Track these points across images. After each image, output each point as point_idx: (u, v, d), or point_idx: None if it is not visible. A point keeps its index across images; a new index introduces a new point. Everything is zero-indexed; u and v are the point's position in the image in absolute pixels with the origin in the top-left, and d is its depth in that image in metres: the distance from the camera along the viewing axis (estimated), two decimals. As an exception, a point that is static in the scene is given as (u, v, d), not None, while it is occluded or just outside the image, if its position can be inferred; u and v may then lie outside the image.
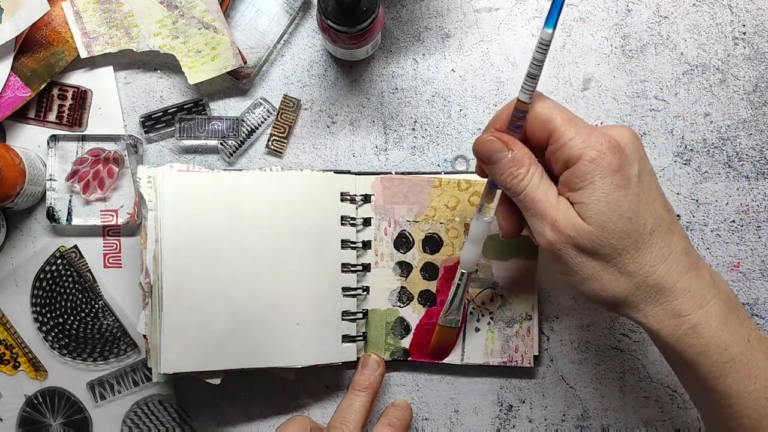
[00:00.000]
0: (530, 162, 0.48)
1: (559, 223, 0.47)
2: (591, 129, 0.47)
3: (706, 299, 0.46)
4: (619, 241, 0.46)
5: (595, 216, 0.46)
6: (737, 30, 0.66)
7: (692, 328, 0.46)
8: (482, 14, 0.66)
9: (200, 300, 0.58)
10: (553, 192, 0.48)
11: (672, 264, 0.46)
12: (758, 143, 0.65)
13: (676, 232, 0.48)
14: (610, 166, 0.45)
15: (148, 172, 0.60)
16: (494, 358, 0.64)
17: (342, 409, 0.58)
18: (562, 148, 0.47)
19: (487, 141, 0.49)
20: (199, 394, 0.65)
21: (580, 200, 0.46)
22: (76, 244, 0.65)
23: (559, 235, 0.47)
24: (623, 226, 0.46)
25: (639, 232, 0.46)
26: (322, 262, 0.61)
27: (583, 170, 0.46)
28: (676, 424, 0.65)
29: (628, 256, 0.46)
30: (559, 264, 0.48)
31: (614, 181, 0.45)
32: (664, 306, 0.46)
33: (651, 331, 0.48)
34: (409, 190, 0.64)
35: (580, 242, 0.46)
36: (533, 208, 0.48)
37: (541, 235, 0.48)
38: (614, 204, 0.45)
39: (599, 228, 0.46)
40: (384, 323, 0.64)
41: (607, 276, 0.47)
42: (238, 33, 0.65)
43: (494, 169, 0.49)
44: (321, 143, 0.66)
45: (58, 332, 0.65)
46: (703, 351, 0.46)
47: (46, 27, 0.64)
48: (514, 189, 0.48)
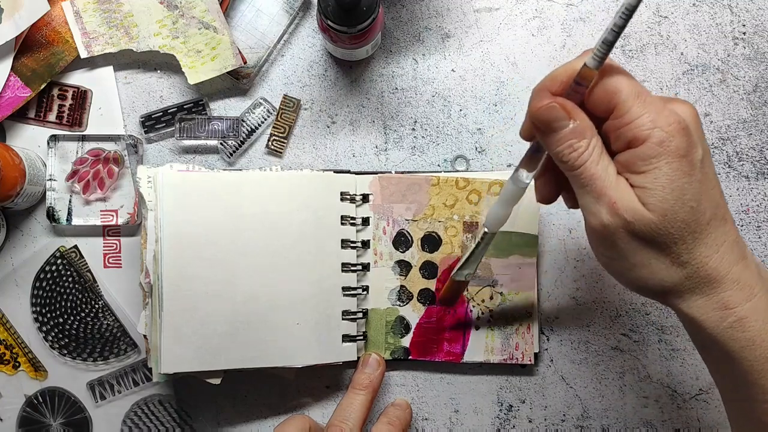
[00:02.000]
0: (592, 134, 0.44)
1: (618, 205, 0.43)
2: (660, 106, 0.43)
3: (753, 291, 0.44)
4: (677, 231, 0.43)
5: (658, 203, 0.42)
6: (737, 30, 0.66)
7: (738, 321, 0.44)
8: (482, 14, 0.66)
9: (200, 300, 0.58)
10: (613, 170, 0.44)
11: (724, 254, 0.44)
12: (758, 143, 0.65)
13: (729, 219, 0.45)
14: (678, 151, 0.42)
15: (148, 172, 0.60)
16: (494, 356, 0.64)
17: (342, 407, 0.58)
18: (628, 125, 0.43)
19: (549, 107, 0.45)
20: (199, 394, 0.65)
21: (642, 184, 0.43)
22: (76, 244, 0.65)
23: (616, 218, 0.43)
24: (684, 216, 0.43)
25: (698, 222, 0.43)
26: (322, 262, 0.61)
27: (649, 153, 0.42)
28: (676, 424, 0.65)
29: (684, 246, 0.43)
30: (607, 248, 0.45)
31: (681, 167, 0.42)
32: (711, 297, 0.44)
33: (694, 322, 0.45)
34: (407, 188, 0.64)
35: (638, 228, 0.43)
36: (591, 185, 0.44)
37: (594, 216, 0.44)
38: (679, 192, 0.42)
39: (660, 216, 0.43)
40: (384, 322, 0.64)
41: (658, 265, 0.44)
42: (238, 33, 0.65)
43: (552, 138, 0.45)
44: (321, 143, 0.66)
45: (58, 332, 0.65)
46: (747, 345, 0.44)
47: (46, 27, 0.64)
48: (572, 163, 0.44)
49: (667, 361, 0.65)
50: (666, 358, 0.65)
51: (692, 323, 0.45)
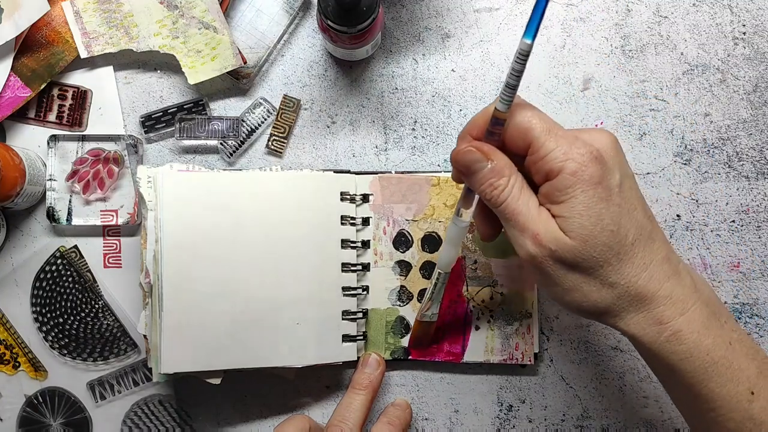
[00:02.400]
0: (510, 172, 0.47)
1: (540, 236, 0.46)
2: (572, 139, 0.46)
3: (687, 305, 0.46)
4: (600, 254, 0.45)
5: (577, 230, 0.45)
6: (737, 30, 0.66)
7: (674, 335, 0.46)
8: (482, 14, 0.66)
9: (200, 300, 0.58)
10: (534, 203, 0.47)
11: (653, 272, 0.46)
12: (758, 143, 0.65)
13: (657, 239, 0.47)
14: (591, 179, 0.44)
15: (148, 172, 0.60)
16: (495, 356, 0.64)
17: (341, 407, 0.58)
18: (543, 159, 0.46)
19: (465, 151, 0.48)
20: (199, 394, 0.65)
21: (561, 214, 0.45)
22: (76, 244, 0.65)
23: (540, 248, 0.46)
24: (605, 239, 0.45)
25: (621, 244, 0.45)
26: (322, 262, 0.61)
27: (565, 184, 0.45)
28: (676, 424, 0.65)
29: (610, 267, 0.45)
30: (540, 275, 0.48)
31: (596, 194, 0.45)
32: (645, 314, 0.46)
33: (633, 339, 0.47)
34: (407, 189, 0.64)
35: (562, 255, 0.45)
36: (514, 220, 0.47)
37: (521, 248, 0.47)
38: (596, 217, 0.45)
39: (581, 242, 0.45)
40: (384, 322, 0.64)
41: (588, 287, 0.46)
42: (238, 33, 0.65)
43: (473, 179, 0.48)
44: (321, 143, 0.66)
45: (58, 332, 0.65)
46: (685, 357, 0.46)
47: (46, 27, 0.64)
48: (494, 200, 0.47)
49: (667, 361, 0.65)
50: (666, 358, 0.65)
51: (633, 339, 0.47)
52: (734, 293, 0.65)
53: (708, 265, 0.65)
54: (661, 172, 0.65)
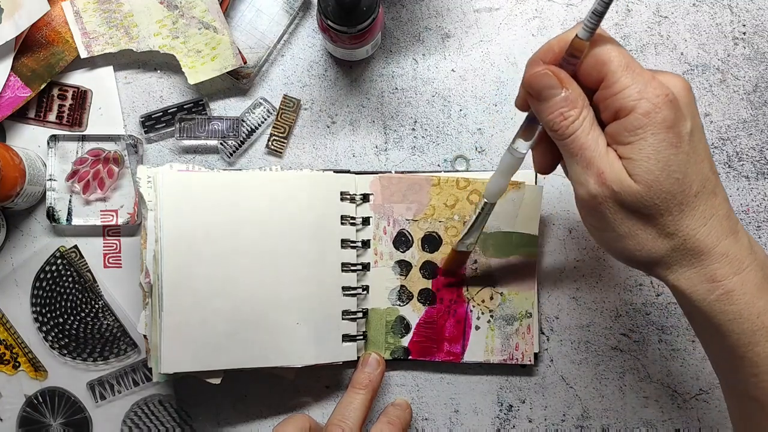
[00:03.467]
0: (584, 104, 0.45)
1: (605, 175, 0.44)
2: (649, 77, 0.43)
3: (743, 265, 0.44)
4: (663, 202, 0.43)
5: (643, 174, 0.43)
6: (737, 30, 0.66)
7: (726, 294, 0.44)
8: (482, 14, 0.66)
9: (200, 300, 0.58)
10: (603, 141, 0.45)
11: (713, 227, 0.44)
12: (758, 143, 0.65)
13: (719, 194, 0.45)
14: (664, 122, 0.42)
15: (148, 172, 0.60)
16: (495, 356, 0.64)
17: (341, 407, 0.58)
18: (616, 96, 0.43)
19: (542, 74, 0.45)
20: (199, 394, 0.65)
21: (628, 155, 0.43)
22: (76, 244, 0.65)
23: (603, 188, 0.44)
24: (670, 187, 0.43)
25: (684, 194, 0.44)
26: (322, 262, 0.61)
27: (636, 124, 0.43)
28: (676, 424, 0.65)
29: (671, 217, 0.44)
30: (595, 218, 0.46)
31: (667, 139, 0.43)
32: (699, 269, 0.45)
33: (682, 294, 0.46)
34: (407, 188, 0.64)
35: (624, 199, 0.44)
36: (580, 155, 0.44)
37: (582, 186, 0.45)
38: (664, 163, 0.43)
39: (646, 187, 0.43)
40: (384, 322, 0.64)
41: (644, 235, 0.45)
42: (238, 33, 0.65)
43: (543, 106, 0.46)
44: (321, 143, 0.66)
45: (58, 332, 0.65)
46: (734, 318, 0.44)
47: (46, 27, 0.64)
48: (562, 132, 0.45)
49: (667, 361, 0.65)
50: (666, 358, 0.65)
51: (680, 295, 0.46)
52: None
53: (708, 265, 0.65)
54: (661, 172, 0.65)
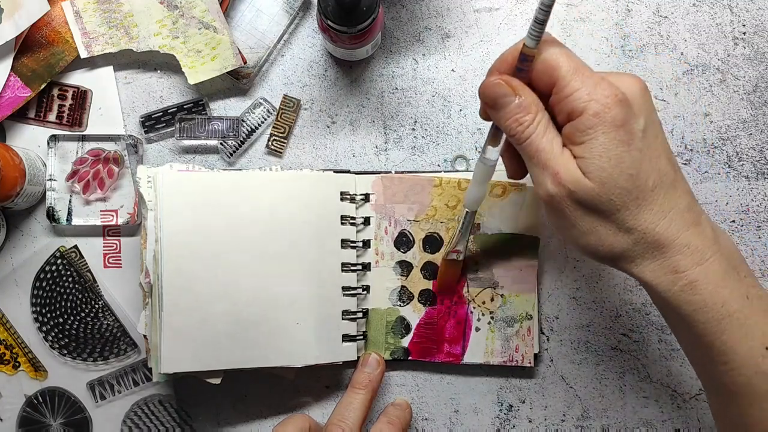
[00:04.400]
0: (537, 109, 0.47)
1: (560, 175, 0.45)
2: (598, 80, 0.45)
3: (705, 256, 0.45)
4: (618, 198, 0.45)
5: (596, 172, 0.44)
6: (737, 30, 0.66)
7: (689, 285, 0.45)
8: (482, 14, 0.66)
9: (200, 300, 0.58)
10: (558, 142, 0.46)
11: (672, 220, 0.45)
12: (758, 143, 0.65)
13: (679, 187, 0.46)
14: (614, 121, 0.44)
15: (148, 172, 0.60)
16: (494, 358, 0.64)
17: (341, 407, 0.58)
18: (567, 99, 0.45)
19: (494, 84, 0.47)
20: (199, 394, 0.65)
21: (581, 154, 0.45)
22: (76, 244, 0.65)
23: (559, 187, 0.46)
24: (624, 183, 0.45)
25: (640, 189, 0.45)
26: (322, 262, 0.61)
27: (586, 124, 0.44)
28: (676, 424, 0.65)
29: (628, 212, 0.45)
30: (557, 217, 0.47)
31: (617, 137, 0.44)
32: (661, 261, 0.46)
33: (647, 286, 0.47)
34: (409, 189, 0.64)
35: (580, 197, 0.45)
36: (536, 157, 0.46)
37: (541, 186, 0.47)
38: (616, 160, 0.44)
39: (599, 184, 0.44)
40: (384, 322, 0.64)
41: (604, 231, 0.46)
42: (238, 33, 0.65)
43: (499, 114, 0.48)
44: (321, 143, 0.66)
45: (58, 332, 0.65)
46: (699, 307, 0.45)
47: (46, 27, 0.64)
48: (519, 136, 0.47)
49: (667, 361, 0.65)
50: (666, 358, 0.65)
51: (647, 287, 0.47)
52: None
53: (708, 265, 0.65)
54: (661, 172, 0.65)
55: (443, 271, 0.63)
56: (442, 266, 0.63)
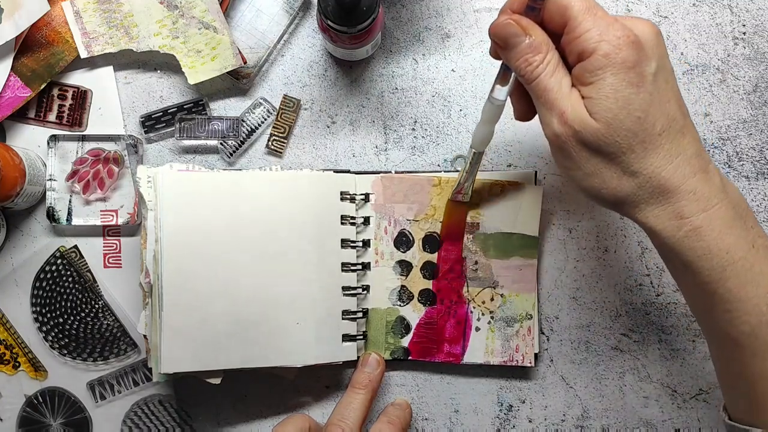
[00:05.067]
0: (547, 49, 0.47)
1: (566, 115, 0.45)
2: (611, 21, 0.45)
3: (711, 202, 0.45)
4: (624, 140, 0.44)
5: (602, 112, 0.44)
6: (737, 30, 0.66)
7: (693, 231, 0.45)
8: (482, 14, 0.66)
9: (200, 300, 0.58)
10: (567, 83, 0.46)
11: (679, 166, 0.45)
12: (758, 143, 0.65)
13: (688, 134, 0.46)
14: (624, 63, 0.44)
15: (148, 172, 0.60)
16: (494, 358, 0.64)
17: (341, 406, 0.58)
18: (578, 39, 0.45)
19: (505, 24, 0.47)
20: (199, 394, 0.65)
21: (589, 95, 0.45)
22: (76, 244, 0.65)
23: (565, 127, 0.45)
24: (630, 125, 0.44)
25: (647, 132, 0.44)
26: (322, 262, 0.61)
27: (596, 65, 0.44)
28: (676, 424, 0.65)
29: (634, 155, 0.45)
30: (562, 157, 0.47)
31: (627, 78, 0.44)
32: (665, 207, 0.45)
33: (651, 232, 0.47)
34: (408, 189, 0.64)
35: (585, 137, 0.45)
36: (544, 97, 0.46)
37: (548, 126, 0.47)
38: (623, 102, 0.44)
39: (605, 125, 0.44)
40: (384, 322, 0.64)
41: (608, 174, 0.46)
42: (238, 33, 0.65)
43: (509, 54, 0.48)
44: (321, 143, 0.66)
45: (58, 332, 0.65)
46: (703, 254, 0.45)
47: (46, 27, 0.64)
48: (528, 76, 0.47)
49: (667, 361, 0.65)
50: (666, 358, 0.65)
51: (650, 233, 0.47)
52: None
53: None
54: (661, 172, 0.65)
55: (448, 214, 0.63)
56: (447, 208, 0.63)
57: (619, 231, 0.65)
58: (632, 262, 0.65)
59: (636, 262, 0.65)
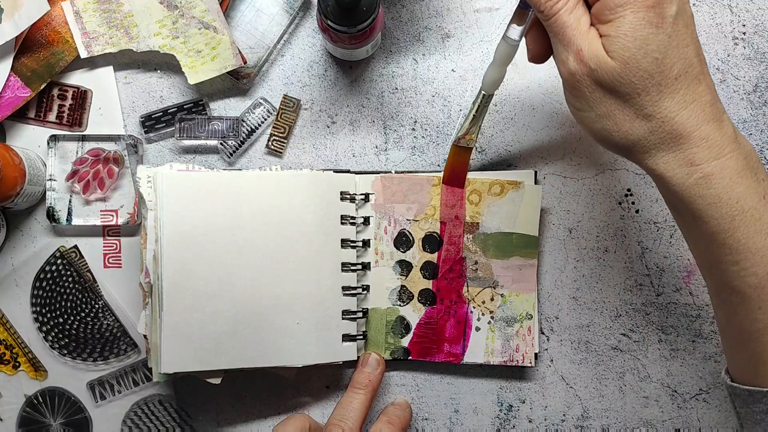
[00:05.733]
0: None
1: (583, 52, 0.44)
2: None
3: (723, 151, 0.44)
4: (640, 81, 0.44)
5: (620, 51, 0.43)
6: (737, 30, 0.66)
7: (704, 178, 0.44)
8: (482, 14, 0.66)
9: (200, 299, 0.58)
10: (586, 20, 0.45)
11: (693, 112, 0.44)
12: (758, 143, 0.65)
13: (704, 81, 0.45)
14: (645, 1, 0.43)
15: (148, 172, 0.60)
16: (495, 358, 0.64)
17: (341, 406, 0.58)
18: None
19: None
20: (199, 394, 0.65)
21: (607, 33, 0.44)
22: (76, 244, 0.65)
23: (581, 65, 0.45)
24: (647, 66, 0.43)
25: (663, 75, 0.44)
26: (322, 262, 0.61)
27: (617, 2, 0.43)
28: (676, 424, 0.65)
29: (648, 97, 0.44)
30: (575, 97, 0.46)
31: (647, 17, 0.43)
32: (676, 153, 0.44)
33: (661, 179, 0.46)
34: (408, 188, 0.64)
35: (601, 76, 0.44)
36: (561, 33, 0.45)
37: (563, 63, 0.46)
38: (642, 41, 0.43)
39: (622, 64, 0.43)
40: (384, 322, 0.64)
41: (621, 115, 0.45)
42: (238, 33, 0.65)
43: None
44: (321, 143, 0.66)
45: (58, 332, 0.65)
46: (713, 202, 0.44)
47: (46, 27, 0.64)
48: (547, 12, 0.46)
49: (667, 361, 0.65)
50: (666, 358, 0.65)
51: (659, 180, 0.46)
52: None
53: (708, 265, 0.65)
54: (661, 172, 0.65)
55: (452, 159, 0.62)
56: (451, 153, 0.62)
57: (619, 231, 0.65)
58: (632, 262, 0.65)
59: (636, 262, 0.65)
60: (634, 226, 0.65)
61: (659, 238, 0.65)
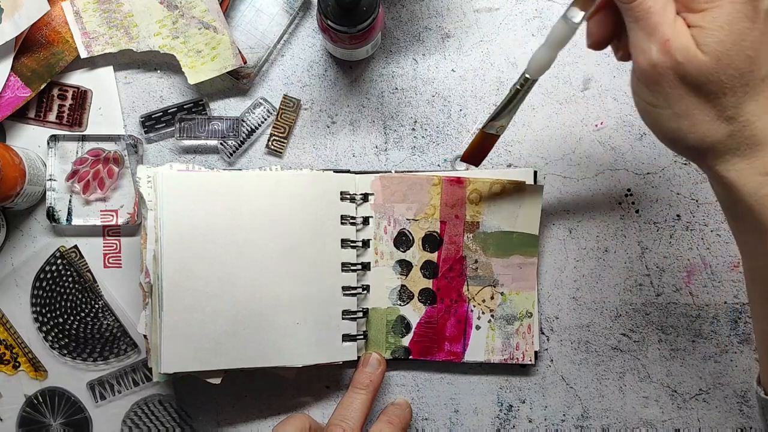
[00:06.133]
0: None
1: (670, 43, 0.40)
2: None
3: None
4: (729, 80, 0.40)
5: (714, 45, 0.39)
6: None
7: None
8: (482, 14, 0.66)
9: (200, 299, 0.58)
10: (672, 8, 0.41)
11: None
12: (758, 143, 0.65)
13: None
14: None
15: (148, 172, 0.60)
16: (495, 356, 0.64)
17: (342, 406, 0.58)
18: None
19: None
20: (199, 394, 0.65)
21: (699, 23, 0.40)
22: (76, 244, 0.65)
23: (666, 57, 0.40)
24: (740, 63, 0.40)
25: (753, 74, 0.40)
26: (322, 261, 0.61)
27: None
28: (676, 424, 0.65)
29: (734, 98, 0.40)
30: (652, 92, 0.42)
31: (744, 10, 0.39)
32: (753, 161, 0.41)
33: (731, 188, 0.42)
34: (408, 188, 0.64)
35: (687, 71, 0.40)
36: (645, 19, 0.41)
37: (644, 54, 0.41)
38: (738, 35, 0.39)
39: (714, 59, 0.39)
40: (384, 322, 0.64)
41: (702, 116, 0.41)
42: (238, 33, 0.65)
43: None
44: (321, 143, 0.66)
45: (58, 332, 0.65)
46: None
47: (46, 27, 0.64)
48: None
49: (667, 361, 0.65)
50: (666, 358, 0.65)
51: (728, 189, 0.43)
52: (734, 293, 0.65)
53: (708, 265, 0.65)
54: (661, 172, 0.65)
55: (476, 142, 0.58)
56: (478, 137, 0.57)
57: (619, 231, 0.65)
58: (632, 262, 0.65)
59: (636, 262, 0.65)
60: (634, 226, 0.65)
61: (659, 238, 0.65)
